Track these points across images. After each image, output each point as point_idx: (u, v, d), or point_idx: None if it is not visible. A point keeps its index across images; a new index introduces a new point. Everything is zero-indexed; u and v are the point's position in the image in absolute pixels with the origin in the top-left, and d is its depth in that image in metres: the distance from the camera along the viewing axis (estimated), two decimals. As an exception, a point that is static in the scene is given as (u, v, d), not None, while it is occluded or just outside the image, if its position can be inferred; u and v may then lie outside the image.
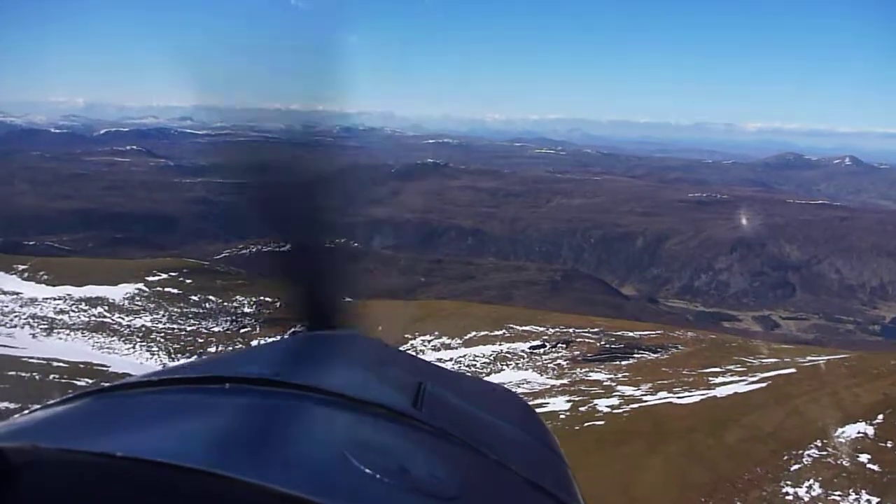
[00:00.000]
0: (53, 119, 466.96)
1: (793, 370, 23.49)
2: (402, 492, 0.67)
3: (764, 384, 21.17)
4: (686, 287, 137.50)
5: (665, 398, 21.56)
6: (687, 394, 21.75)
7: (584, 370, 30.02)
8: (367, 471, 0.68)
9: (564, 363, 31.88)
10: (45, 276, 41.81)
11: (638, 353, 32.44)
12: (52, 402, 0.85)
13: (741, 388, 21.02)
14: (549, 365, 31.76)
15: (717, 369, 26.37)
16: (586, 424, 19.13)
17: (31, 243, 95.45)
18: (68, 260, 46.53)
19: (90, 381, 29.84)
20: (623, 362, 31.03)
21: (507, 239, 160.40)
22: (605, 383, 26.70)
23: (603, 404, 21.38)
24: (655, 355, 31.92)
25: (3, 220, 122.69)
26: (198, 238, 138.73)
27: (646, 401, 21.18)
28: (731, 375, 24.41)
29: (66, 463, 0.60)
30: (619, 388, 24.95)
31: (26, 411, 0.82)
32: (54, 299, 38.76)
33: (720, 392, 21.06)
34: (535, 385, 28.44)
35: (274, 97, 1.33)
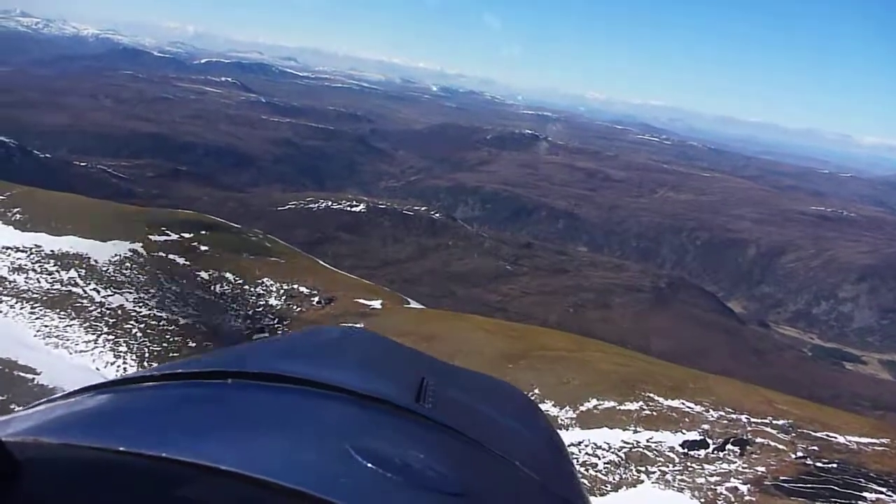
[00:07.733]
0: (160, 43, 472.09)
1: None
2: (405, 487, 0.67)
3: None
4: (801, 313, 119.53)
5: None
6: None
7: (783, 515, 17.27)
8: (371, 466, 0.68)
9: (745, 489, 19.01)
10: (19, 215, 31.16)
11: (867, 490, 19.24)
12: (54, 396, 0.85)
13: None
14: (719, 490, 19.00)
15: None
16: None
17: (82, 164, 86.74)
18: (57, 196, 35.71)
19: (-6, 400, 18.83)
20: (849, 507, 18.04)
21: (603, 227, 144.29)
22: (836, 566, 14.13)
23: None
24: (901, 499, 18.71)
25: (71, 135, 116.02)
26: (271, 182, 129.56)
27: None
28: None
29: (68, 458, 0.60)
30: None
31: (28, 406, 0.82)
32: (16, 250, 28.09)
33: None
34: (699, 533, 16.11)
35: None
